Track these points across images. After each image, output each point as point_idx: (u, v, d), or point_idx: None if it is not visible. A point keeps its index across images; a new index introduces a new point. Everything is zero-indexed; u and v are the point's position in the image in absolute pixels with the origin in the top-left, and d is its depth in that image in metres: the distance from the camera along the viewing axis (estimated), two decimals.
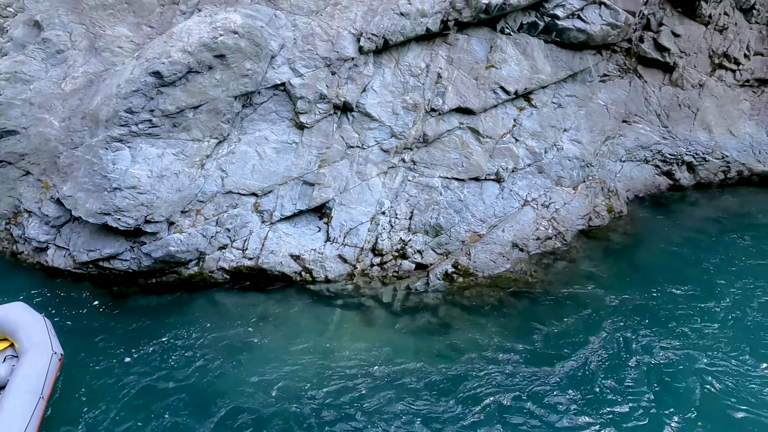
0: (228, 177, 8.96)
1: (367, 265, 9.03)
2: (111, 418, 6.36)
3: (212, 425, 6.33)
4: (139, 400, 6.64)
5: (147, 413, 6.47)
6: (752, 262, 8.88)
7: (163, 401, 6.63)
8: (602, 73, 11.02)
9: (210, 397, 6.73)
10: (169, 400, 6.66)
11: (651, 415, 6.15)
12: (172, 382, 6.94)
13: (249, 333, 7.83)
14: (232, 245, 8.96)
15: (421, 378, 6.95)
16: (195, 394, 6.77)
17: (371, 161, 9.53)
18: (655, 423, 6.05)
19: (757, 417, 6.03)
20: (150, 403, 6.60)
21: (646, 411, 6.22)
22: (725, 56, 11.53)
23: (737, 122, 11.55)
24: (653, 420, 6.09)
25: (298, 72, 9.07)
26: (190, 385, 6.90)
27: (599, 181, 10.63)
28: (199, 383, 6.95)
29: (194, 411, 6.51)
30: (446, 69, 9.83)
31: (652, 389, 6.48)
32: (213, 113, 8.70)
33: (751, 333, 7.33)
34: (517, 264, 9.12)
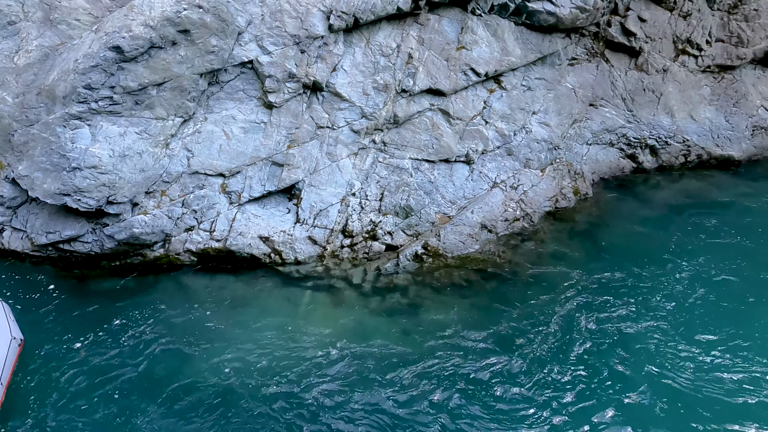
0: (194, 157, 8.74)
1: (338, 247, 9.01)
2: (64, 403, 6.25)
3: (167, 407, 6.28)
4: (96, 382, 6.55)
5: (102, 395, 6.38)
6: (709, 240, 9.24)
7: (120, 383, 6.56)
8: (571, 56, 11.14)
9: (171, 379, 6.66)
10: (127, 383, 6.58)
11: (603, 393, 6.37)
12: (132, 364, 6.84)
13: (216, 315, 7.74)
14: (199, 227, 8.79)
15: (389, 358, 7.02)
16: (155, 377, 6.70)
17: (341, 142, 9.44)
18: (607, 401, 6.25)
19: (701, 390, 6.33)
20: (104, 385, 6.52)
21: (599, 390, 6.43)
22: (688, 42, 11.80)
23: (698, 107, 11.89)
24: (605, 398, 6.29)
25: (266, 50, 8.85)
26: (152, 368, 6.82)
27: (566, 163, 10.82)
28: (161, 366, 6.86)
29: (151, 393, 6.45)
30: (417, 49, 9.76)
31: (607, 367, 6.69)
32: (177, 91, 8.43)
33: (703, 308, 7.64)
34: (485, 245, 9.25)
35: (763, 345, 6.95)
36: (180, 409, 6.29)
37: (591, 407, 6.19)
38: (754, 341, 7.01)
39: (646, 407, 6.11)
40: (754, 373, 6.54)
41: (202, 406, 6.33)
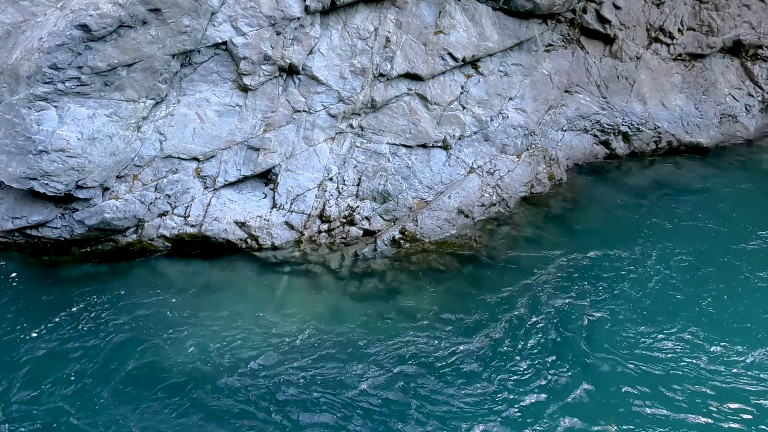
0: (167, 140, 8.54)
1: (315, 232, 8.97)
2: (16, 390, 6.14)
3: (131, 392, 6.22)
4: (54, 369, 6.45)
5: (59, 382, 6.29)
6: (678, 225, 9.50)
7: (80, 369, 6.46)
8: (547, 42, 11.21)
9: (139, 365, 6.59)
10: (89, 369, 6.49)
11: (560, 378, 6.50)
12: (97, 351, 6.74)
13: (191, 301, 7.65)
14: (173, 212, 8.63)
15: (365, 342, 7.07)
16: (122, 364, 6.61)
17: (318, 126, 9.34)
18: (575, 386, 6.39)
19: (670, 373, 6.57)
20: (63, 371, 6.42)
21: (569, 374, 6.57)
22: (661, 30, 11.99)
23: (669, 95, 12.14)
24: (571, 383, 6.43)
25: (240, 30, 8.65)
26: (120, 355, 6.72)
27: (541, 149, 10.95)
28: (129, 352, 6.77)
29: (115, 380, 6.37)
30: (395, 33, 9.68)
31: (576, 352, 6.86)
32: (149, 72, 8.19)
33: (667, 292, 7.85)
34: (462, 230, 9.33)
35: (724, 329, 7.17)
36: (144, 395, 6.22)
37: (548, 391, 6.33)
38: (715, 326, 7.22)
39: (606, 394, 6.24)
40: (712, 356, 6.76)
41: (167, 391, 6.28)
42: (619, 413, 6.02)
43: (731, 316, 7.36)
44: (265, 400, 6.21)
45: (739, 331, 7.11)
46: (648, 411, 6.01)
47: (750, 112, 12.60)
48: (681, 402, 6.12)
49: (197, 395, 6.24)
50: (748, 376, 6.45)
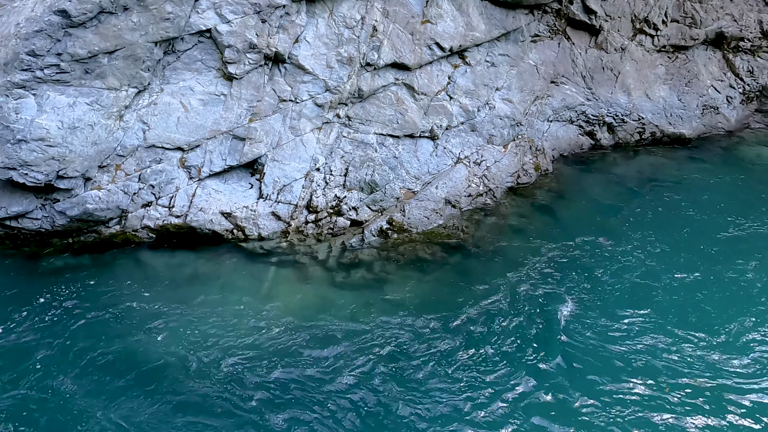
0: (150, 130, 8.40)
1: (302, 222, 8.92)
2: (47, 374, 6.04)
3: (112, 385, 6.15)
4: (31, 362, 6.35)
5: (43, 374, 6.22)
6: (660, 215, 9.64)
7: (72, 364, 6.37)
8: (533, 33, 11.23)
9: (121, 358, 6.50)
10: (72, 363, 6.40)
11: (533, 368, 6.55)
12: (77, 344, 6.64)
13: (176, 293, 7.57)
14: (158, 202, 8.50)
15: (353, 334, 7.06)
16: (104, 356, 6.52)
17: (305, 116, 9.26)
18: (537, 376, 6.45)
19: (650, 364, 6.69)
20: (50, 365, 6.33)
21: (545, 363, 6.62)
22: (646, 22, 12.08)
23: (653, 86, 12.26)
24: (536, 374, 6.48)
25: (225, 18, 8.51)
26: (100, 347, 6.62)
27: (528, 140, 11.00)
28: (111, 345, 6.67)
29: (104, 375, 6.27)
30: (382, 22, 9.61)
31: (552, 341, 6.93)
32: (131, 60, 8.02)
33: (647, 281, 7.94)
34: (449, 220, 9.36)
35: (691, 318, 7.25)
36: (120, 386, 6.15)
37: (524, 381, 6.38)
38: (684, 315, 7.29)
39: (578, 385, 6.29)
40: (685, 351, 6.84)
41: (144, 381, 6.20)
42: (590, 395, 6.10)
43: (700, 305, 7.44)
44: (246, 391, 6.17)
45: (705, 319, 7.19)
46: (606, 397, 6.08)
47: (731, 103, 12.80)
48: (640, 386, 6.22)
49: (177, 386, 6.17)
50: (700, 359, 6.57)
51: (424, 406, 6.07)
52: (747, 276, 7.94)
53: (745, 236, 8.92)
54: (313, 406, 6.02)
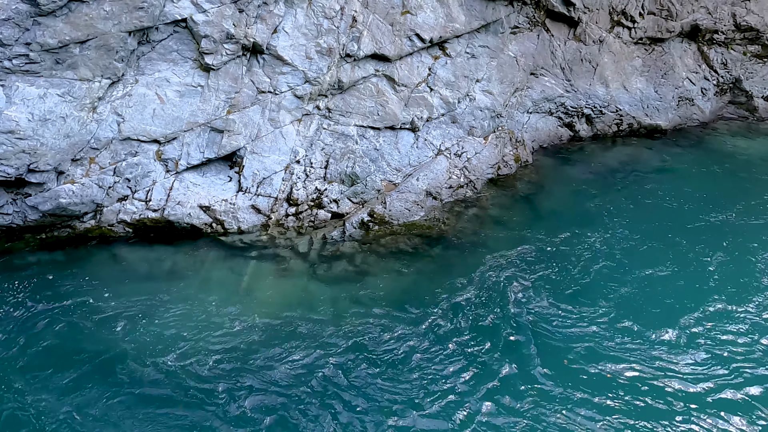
0: (125, 122, 8.21)
1: (282, 216, 8.84)
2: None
3: (96, 388, 6.03)
4: (16, 363, 6.20)
5: (20, 376, 6.06)
6: (637, 204, 9.81)
7: (38, 361, 6.24)
8: (513, 25, 11.25)
9: (98, 355, 6.38)
10: (48, 361, 6.25)
11: (524, 360, 6.62)
12: (54, 342, 6.49)
13: (154, 288, 7.45)
14: (134, 196, 8.34)
15: (336, 327, 7.04)
16: (81, 355, 6.38)
17: (284, 108, 9.15)
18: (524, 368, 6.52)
19: (621, 358, 6.82)
20: (13, 362, 6.19)
21: (530, 357, 6.68)
22: (623, 14, 12.20)
23: (630, 78, 12.42)
24: (525, 366, 6.56)
25: (201, 7, 8.33)
26: (74, 345, 6.47)
27: (508, 131, 11.06)
28: (86, 342, 6.53)
29: (70, 372, 6.14)
30: (361, 12, 9.52)
31: (526, 331, 7.01)
32: (104, 50, 7.81)
33: (618, 271, 8.06)
34: (430, 212, 9.37)
35: (654, 312, 7.33)
36: (89, 384, 6.02)
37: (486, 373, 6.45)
38: (647, 309, 7.36)
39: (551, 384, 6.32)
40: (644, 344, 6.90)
41: (117, 379, 6.09)
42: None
43: (660, 297, 7.51)
44: (224, 386, 6.10)
45: (661, 312, 7.26)
46: (551, 390, 6.17)
47: (705, 95, 13.05)
48: (589, 377, 6.30)
49: (151, 383, 6.05)
50: (646, 350, 6.68)
51: (398, 398, 6.09)
52: (710, 269, 8.03)
53: (715, 227, 9.12)
54: (289, 401, 5.99)
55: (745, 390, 6.15)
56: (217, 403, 5.92)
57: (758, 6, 13.07)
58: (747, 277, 7.91)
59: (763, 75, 13.25)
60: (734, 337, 6.86)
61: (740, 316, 7.20)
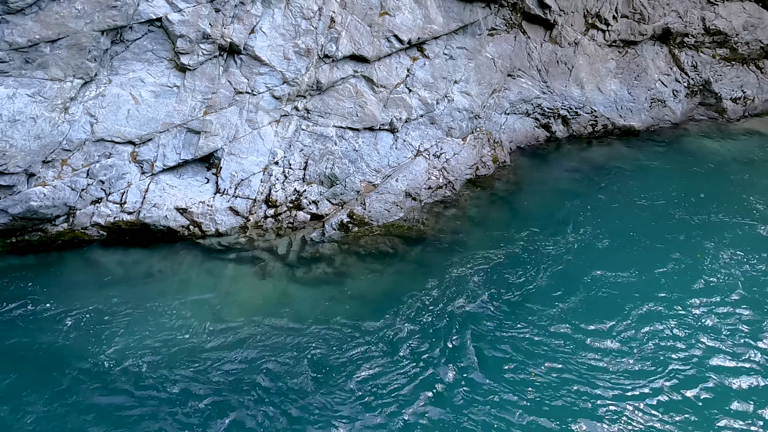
0: (98, 123, 8.04)
1: (261, 217, 8.78)
2: None
3: (65, 395, 5.92)
4: None
5: None
6: (611, 203, 10.00)
7: (18, 370, 6.08)
8: (490, 26, 11.37)
9: (70, 362, 6.25)
10: (23, 370, 6.10)
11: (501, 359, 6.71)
12: (24, 350, 6.33)
13: (130, 292, 7.32)
14: (108, 199, 8.18)
15: (316, 329, 7.03)
16: (54, 362, 6.25)
17: (262, 109, 9.08)
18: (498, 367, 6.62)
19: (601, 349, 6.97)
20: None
21: (507, 356, 6.77)
22: (597, 17, 12.43)
23: (605, 80, 12.66)
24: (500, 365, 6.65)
25: (176, 6, 8.22)
26: (44, 352, 6.35)
27: (486, 132, 11.17)
28: (58, 349, 6.39)
29: (39, 380, 6.02)
30: (340, 13, 9.51)
31: (515, 331, 7.10)
32: (76, 49, 7.65)
33: (584, 272, 8.14)
34: (410, 212, 9.41)
35: (609, 315, 7.36)
36: (57, 390, 5.93)
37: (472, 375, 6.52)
38: (603, 311, 7.41)
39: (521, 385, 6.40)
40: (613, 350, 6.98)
41: (91, 386, 6.00)
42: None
43: (617, 299, 7.61)
44: (184, 389, 6.02)
45: (612, 314, 7.32)
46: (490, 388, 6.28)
47: (677, 97, 13.37)
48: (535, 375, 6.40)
49: (120, 389, 5.96)
50: (588, 354, 6.73)
51: (383, 404, 6.12)
52: (669, 273, 8.09)
53: (683, 227, 9.28)
54: (267, 405, 5.96)
55: (679, 392, 6.20)
56: (172, 404, 5.84)
57: (726, 11, 13.45)
58: (704, 277, 7.99)
59: (731, 77, 13.65)
60: (673, 342, 6.89)
61: (685, 320, 7.22)
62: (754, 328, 7.18)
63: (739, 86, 13.60)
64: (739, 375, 6.50)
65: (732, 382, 6.41)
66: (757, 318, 7.34)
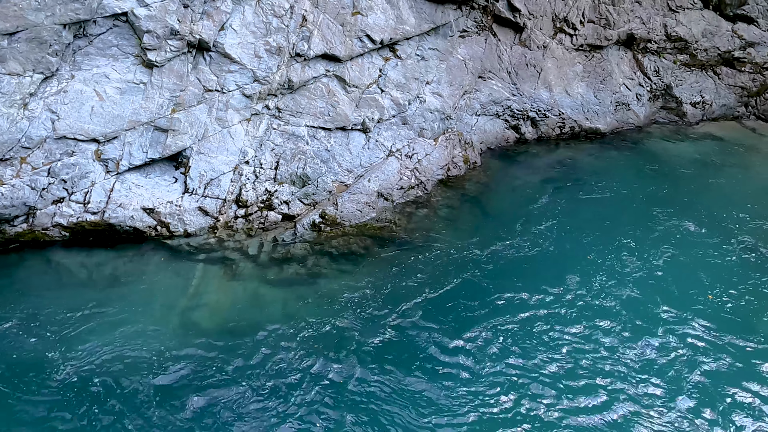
0: (60, 120, 7.77)
1: (231, 218, 8.65)
2: None
3: (27, 403, 5.71)
4: None
5: None
6: (576, 202, 10.24)
7: None
8: (462, 28, 11.48)
9: (36, 370, 6.03)
10: None
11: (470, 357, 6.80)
12: None
13: (93, 295, 7.10)
14: (71, 198, 7.91)
15: (288, 330, 6.97)
16: (17, 370, 6.02)
17: (232, 107, 8.94)
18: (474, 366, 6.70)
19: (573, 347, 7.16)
20: None
21: (476, 355, 6.86)
22: (565, 21, 12.71)
23: (572, 83, 12.96)
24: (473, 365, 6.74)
25: (142, 1, 8.00)
26: (4, 361, 6.10)
27: (457, 133, 11.29)
28: (18, 358, 6.16)
29: (14, 388, 5.80)
30: (312, 12, 9.44)
31: (487, 329, 7.20)
32: (36, 43, 7.36)
33: (542, 273, 8.28)
34: (382, 213, 9.43)
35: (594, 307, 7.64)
36: (19, 397, 5.73)
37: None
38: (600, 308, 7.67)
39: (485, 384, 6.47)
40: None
41: (51, 392, 5.81)
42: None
43: (569, 298, 7.79)
44: (163, 398, 5.92)
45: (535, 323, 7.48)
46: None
47: (640, 100, 13.80)
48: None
49: (81, 400, 5.78)
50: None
51: (349, 406, 6.13)
52: (621, 266, 8.33)
53: (639, 225, 9.54)
54: (232, 410, 5.88)
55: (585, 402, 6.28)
56: (133, 412, 5.71)
57: (686, 18, 13.96)
58: (653, 281, 8.20)
59: (691, 83, 14.17)
60: (622, 332, 7.09)
61: (617, 329, 7.28)
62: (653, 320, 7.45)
63: (698, 91, 14.13)
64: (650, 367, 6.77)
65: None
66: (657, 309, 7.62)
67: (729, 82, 14.39)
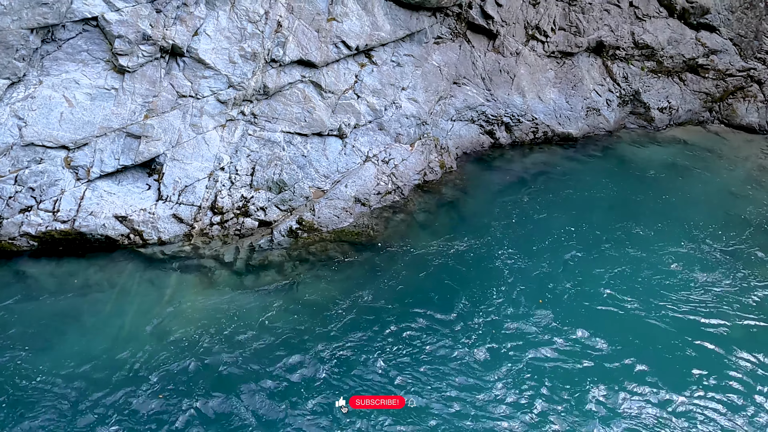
0: (28, 126, 7.57)
1: (206, 225, 8.54)
2: None
3: None
4: None
5: None
6: (549, 205, 10.45)
7: None
8: (437, 35, 11.61)
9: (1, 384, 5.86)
10: None
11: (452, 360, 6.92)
12: None
13: (63, 305, 6.94)
14: (39, 207, 7.70)
15: (265, 337, 6.92)
16: None
17: (207, 113, 8.85)
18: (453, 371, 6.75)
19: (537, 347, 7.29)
20: None
21: (465, 360, 6.95)
22: (537, 29, 12.97)
23: (544, 89, 13.22)
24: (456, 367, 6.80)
25: (113, 6, 7.87)
26: None
27: (433, 138, 11.39)
28: None
29: None
30: (287, 18, 9.42)
31: (470, 334, 7.33)
32: (1, 48, 7.17)
33: (532, 272, 8.52)
34: (359, 218, 9.44)
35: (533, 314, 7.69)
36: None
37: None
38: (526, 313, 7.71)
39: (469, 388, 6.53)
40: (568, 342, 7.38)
41: (24, 407, 5.66)
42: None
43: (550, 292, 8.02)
44: (136, 410, 5.81)
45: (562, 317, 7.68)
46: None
47: (610, 106, 14.16)
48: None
49: (52, 410, 5.65)
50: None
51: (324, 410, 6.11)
52: (589, 267, 8.56)
53: (608, 227, 9.81)
54: (206, 423, 5.82)
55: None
56: (105, 426, 5.59)
57: (653, 26, 14.40)
58: (618, 284, 8.40)
59: (658, 88, 14.61)
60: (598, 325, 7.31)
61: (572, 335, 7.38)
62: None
63: (665, 97, 14.57)
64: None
65: None
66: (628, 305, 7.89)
67: (694, 88, 14.88)
